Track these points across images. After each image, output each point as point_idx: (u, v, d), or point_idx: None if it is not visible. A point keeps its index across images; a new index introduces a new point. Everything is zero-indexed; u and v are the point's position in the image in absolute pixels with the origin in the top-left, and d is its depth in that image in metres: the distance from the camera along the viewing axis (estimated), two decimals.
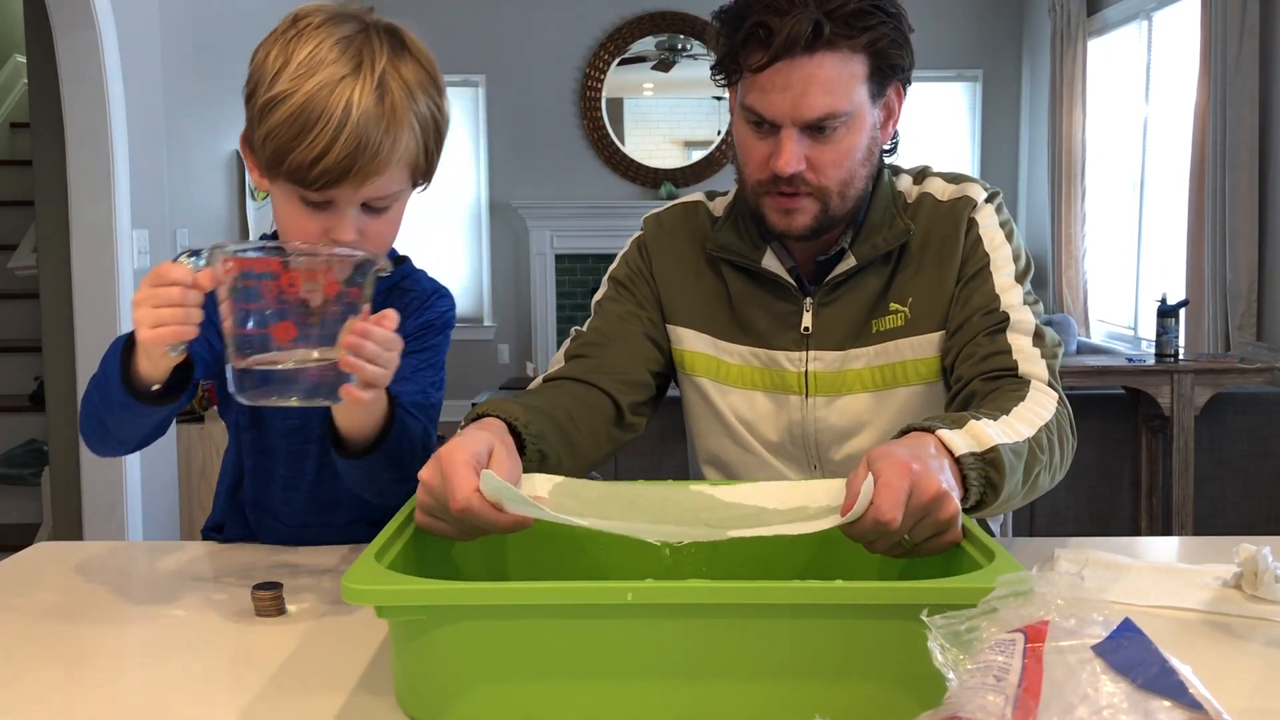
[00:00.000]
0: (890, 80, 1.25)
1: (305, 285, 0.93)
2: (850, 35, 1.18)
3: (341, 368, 0.96)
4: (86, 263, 3.35)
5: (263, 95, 1.07)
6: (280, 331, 0.93)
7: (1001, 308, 1.26)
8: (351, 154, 1.05)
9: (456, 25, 6.67)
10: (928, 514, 0.86)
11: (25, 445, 4.31)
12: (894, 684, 0.75)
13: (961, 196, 1.32)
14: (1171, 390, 3.45)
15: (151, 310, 0.96)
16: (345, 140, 1.05)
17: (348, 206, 1.09)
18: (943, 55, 6.58)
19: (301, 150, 1.05)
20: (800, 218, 1.25)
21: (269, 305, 0.92)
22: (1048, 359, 1.23)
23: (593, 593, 0.74)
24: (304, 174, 1.06)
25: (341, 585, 0.75)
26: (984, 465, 0.98)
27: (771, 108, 1.20)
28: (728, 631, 0.75)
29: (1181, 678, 0.58)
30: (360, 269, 0.96)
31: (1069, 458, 1.18)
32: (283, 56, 1.07)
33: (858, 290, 1.32)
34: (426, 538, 0.93)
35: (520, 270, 6.94)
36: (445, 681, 0.76)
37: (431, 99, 1.12)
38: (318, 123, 1.04)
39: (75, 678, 0.89)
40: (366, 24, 1.11)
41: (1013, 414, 1.10)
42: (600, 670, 0.75)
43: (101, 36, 3.26)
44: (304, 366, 0.95)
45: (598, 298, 1.41)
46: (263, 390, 0.95)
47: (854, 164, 1.24)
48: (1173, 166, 5.07)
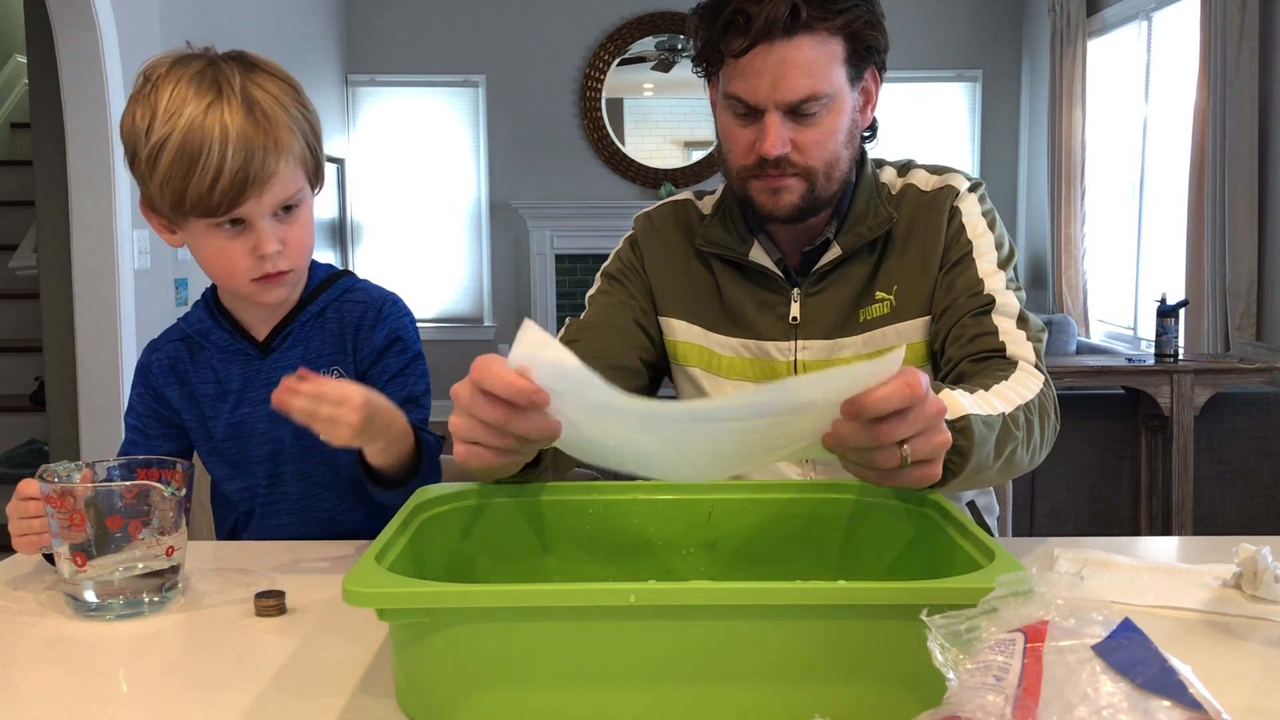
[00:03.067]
0: (866, 63, 1.28)
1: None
2: (826, 18, 1.21)
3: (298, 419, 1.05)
4: (86, 263, 3.35)
5: (144, 151, 1.13)
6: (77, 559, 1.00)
7: (986, 290, 1.28)
8: (243, 164, 1.12)
9: (456, 25, 6.67)
10: (929, 427, 0.86)
11: (25, 445, 4.31)
12: (894, 684, 0.75)
13: (944, 186, 1.35)
14: (1171, 390, 3.45)
15: (17, 523, 1.08)
16: (233, 155, 1.11)
17: (260, 219, 1.16)
18: (943, 55, 6.58)
19: (197, 179, 1.11)
20: (787, 197, 1.27)
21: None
22: (1034, 341, 1.25)
23: (595, 594, 0.74)
24: (208, 200, 1.12)
25: (342, 588, 0.74)
26: (953, 433, 0.97)
27: (753, 92, 1.23)
28: (730, 633, 0.75)
29: (1181, 677, 0.58)
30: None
31: (1051, 438, 1.19)
32: (148, 111, 1.13)
33: (844, 280, 1.34)
34: (427, 537, 0.93)
35: (520, 270, 6.93)
36: (447, 685, 0.76)
37: (297, 103, 1.18)
38: (202, 150, 1.11)
39: (75, 678, 0.89)
40: (211, 58, 1.17)
41: (993, 390, 1.12)
42: (603, 673, 0.75)
43: (101, 36, 3.26)
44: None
45: (590, 293, 1.43)
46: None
47: (837, 145, 1.27)
48: (1172, 167, 5.07)
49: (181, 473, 1.04)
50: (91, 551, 0.99)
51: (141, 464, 1.06)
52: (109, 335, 3.36)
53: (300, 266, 1.24)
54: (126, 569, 1.01)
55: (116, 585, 1.00)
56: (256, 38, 5.00)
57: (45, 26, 3.29)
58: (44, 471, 1.01)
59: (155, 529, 1.01)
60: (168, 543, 1.02)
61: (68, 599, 1.02)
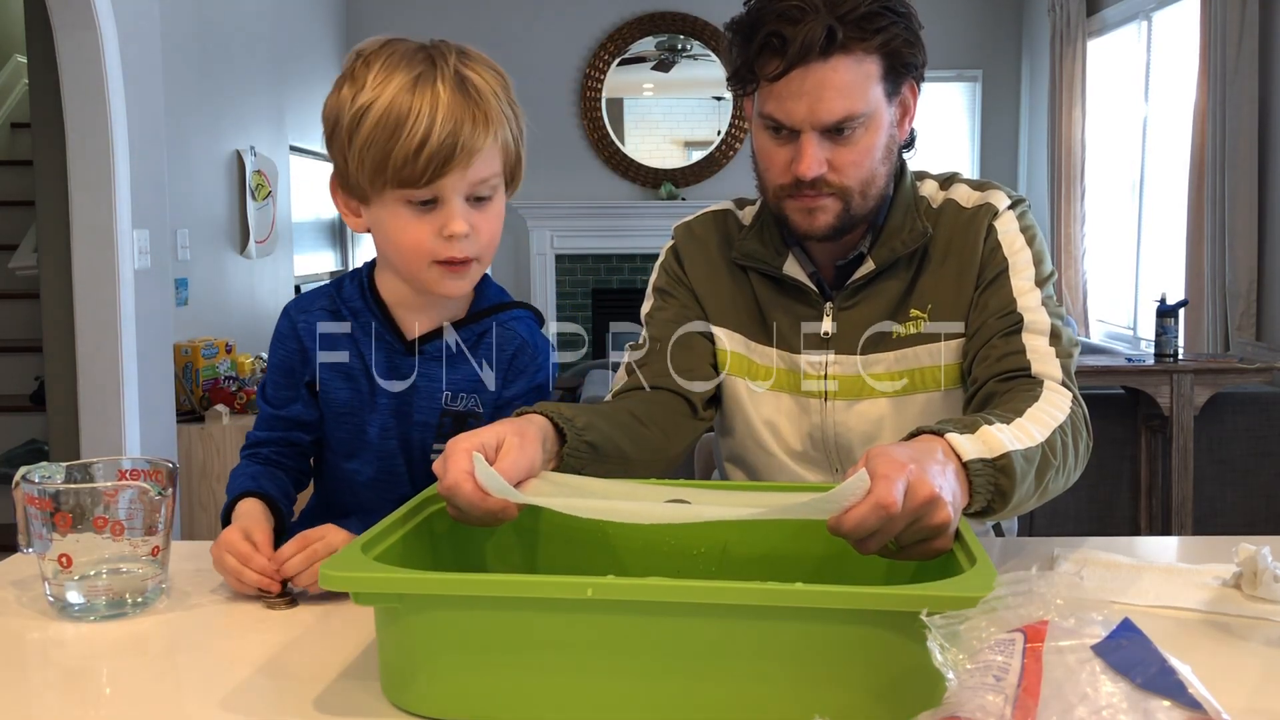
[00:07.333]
0: (904, 78, 1.26)
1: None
2: (863, 38, 1.19)
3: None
4: (86, 263, 3.35)
5: (346, 117, 1.10)
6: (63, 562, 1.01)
7: (1017, 309, 1.26)
8: (452, 132, 1.08)
9: (456, 25, 6.67)
10: (918, 518, 0.85)
11: (25, 445, 4.30)
12: (892, 684, 0.75)
13: (984, 204, 1.33)
14: (1171, 390, 3.45)
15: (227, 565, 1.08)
16: (441, 122, 1.08)
17: (455, 197, 1.12)
18: (943, 55, 6.58)
19: (403, 143, 1.07)
20: (823, 217, 1.26)
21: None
22: (1062, 359, 1.22)
23: (556, 587, 0.76)
24: (411, 167, 1.08)
25: (319, 572, 0.78)
26: (994, 472, 0.98)
27: (790, 115, 1.22)
28: (688, 630, 0.75)
29: (1181, 677, 0.58)
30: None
31: (1084, 458, 1.17)
32: (355, 83, 1.11)
33: (878, 295, 1.32)
34: (442, 535, 0.96)
35: (521, 270, 6.93)
36: (418, 667, 0.79)
37: (507, 95, 1.16)
38: (409, 114, 1.08)
39: (60, 680, 0.89)
40: (428, 41, 1.15)
41: (1026, 415, 1.09)
42: (565, 664, 0.77)
43: (102, 36, 3.26)
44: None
45: (646, 311, 1.43)
46: None
47: (874, 163, 1.26)
48: (1172, 167, 5.07)
49: (166, 473, 1.04)
50: (76, 553, 0.99)
51: (127, 465, 1.06)
52: (109, 335, 3.35)
53: (485, 258, 1.19)
54: (111, 570, 1.01)
55: (101, 586, 1.00)
56: (256, 38, 5.00)
57: (45, 26, 3.29)
58: (27, 473, 1.01)
59: (140, 530, 1.00)
60: (153, 543, 1.02)
61: (51, 601, 1.02)
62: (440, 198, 1.11)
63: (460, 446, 0.93)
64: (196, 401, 3.97)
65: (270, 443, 1.26)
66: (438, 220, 1.12)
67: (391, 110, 1.08)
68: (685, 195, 6.72)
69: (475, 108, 1.10)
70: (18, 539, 1.07)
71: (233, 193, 4.69)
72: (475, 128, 1.09)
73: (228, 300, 4.65)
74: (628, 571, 1.01)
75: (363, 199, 1.15)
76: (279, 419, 1.27)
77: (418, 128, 1.07)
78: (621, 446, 1.17)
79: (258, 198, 4.84)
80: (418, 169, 1.08)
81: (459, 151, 1.08)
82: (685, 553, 1.02)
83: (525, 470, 0.97)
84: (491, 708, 0.78)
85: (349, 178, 1.14)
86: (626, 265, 6.90)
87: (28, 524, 1.00)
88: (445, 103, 1.08)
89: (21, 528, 1.05)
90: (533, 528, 1.03)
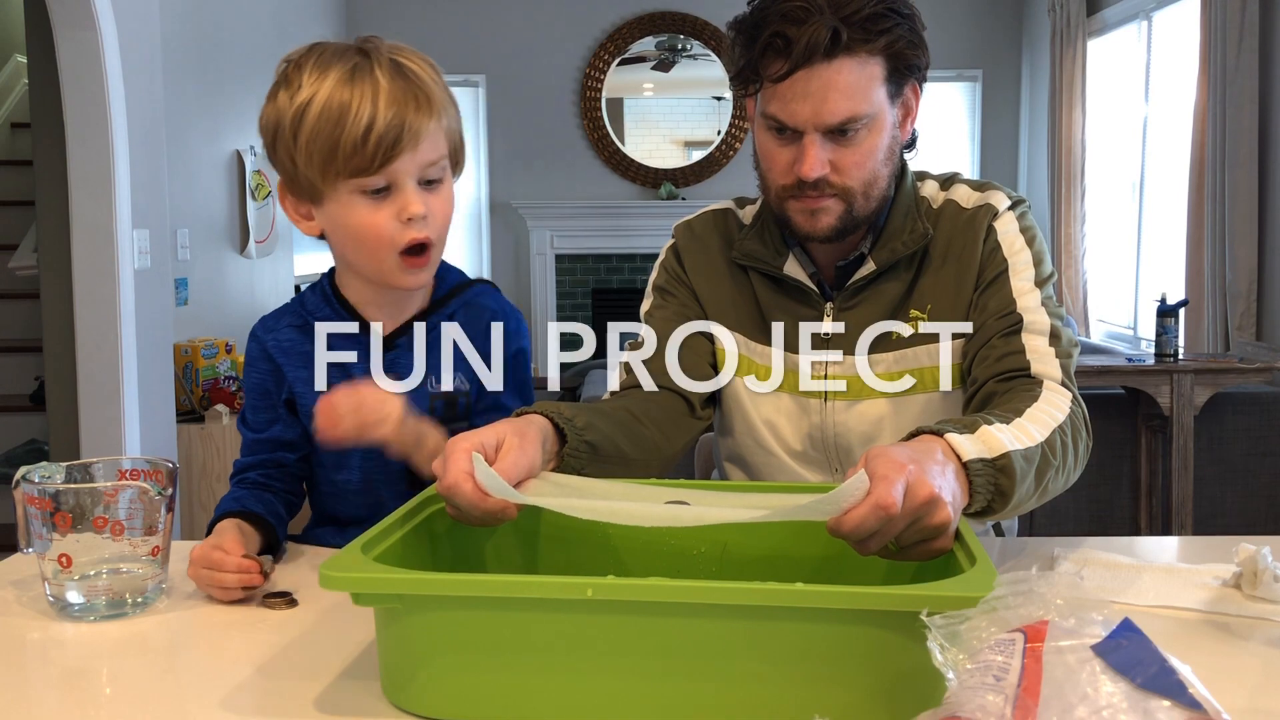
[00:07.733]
0: (907, 79, 1.27)
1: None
2: (867, 39, 1.19)
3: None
4: (87, 263, 3.34)
5: (288, 120, 1.11)
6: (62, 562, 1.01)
7: (1017, 310, 1.26)
8: (397, 114, 1.09)
9: (456, 25, 6.67)
10: (918, 518, 0.85)
11: (25, 445, 4.30)
12: (892, 684, 0.75)
13: (984, 204, 1.33)
14: (1171, 390, 3.45)
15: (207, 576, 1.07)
16: (385, 106, 1.09)
17: (408, 180, 1.13)
18: (943, 55, 6.58)
19: (349, 130, 1.08)
20: (825, 218, 1.26)
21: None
22: (1062, 359, 1.22)
23: (555, 587, 0.76)
24: (361, 155, 1.09)
25: (319, 573, 0.77)
26: (994, 472, 0.97)
27: (793, 116, 1.22)
28: (688, 630, 0.75)
29: (1181, 677, 0.58)
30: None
31: (1084, 458, 1.17)
32: (290, 86, 1.12)
33: (878, 296, 1.33)
34: (441, 535, 0.96)
35: (521, 270, 6.93)
36: (418, 667, 0.79)
37: (441, 81, 1.17)
38: (351, 103, 1.09)
39: (59, 680, 0.89)
40: (353, 40, 1.15)
41: (1026, 415, 1.09)
42: (565, 664, 0.77)
43: (101, 36, 3.26)
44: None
45: (645, 309, 1.43)
46: None
47: (876, 164, 1.26)
48: (1172, 166, 5.07)
49: (166, 473, 1.04)
50: (76, 553, 0.99)
51: (127, 465, 1.06)
52: (109, 335, 3.35)
53: (441, 240, 1.19)
54: (111, 570, 1.01)
55: (101, 586, 1.00)
56: (256, 38, 5.00)
57: (45, 26, 3.29)
58: (27, 473, 1.01)
59: (140, 530, 1.01)
60: (153, 543, 1.02)
61: (51, 601, 1.02)
62: (394, 183, 1.13)
63: (460, 446, 0.93)
64: (196, 401, 3.97)
65: (256, 466, 1.26)
66: (394, 205, 1.13)
67: (332, 102, 1.09)
68: (685, 195, 6.72)
69: (417, 90, 1.12)
70: (18, 539, 1.07)
71: (232, 193, 4.69)
72: (419, 110, 1.11)
73: (228, 300, 4.65)
74: (628, 572, 1.01)
75: (315, 199, 1.16)
76: (262, 442, 1.27)
77: (361, 114, 1.08)
78: (621, 446, 1.17)
79: (258, 198, 4.83)
80: (367, 155, 1.09)
81: (406, 133, 1.10)
82: (685, 553, 1.02)
83: (525, 470, 0.97)
84: (491, 708, 0.78)
85: (298, 179, 1.14)
86: (626, 265, 6.90)
87: (28, 524, 1.00)
88: (385, 89, 1.10)
89: (21, 528, 1.04)
90: (533, 528, 1.03)
